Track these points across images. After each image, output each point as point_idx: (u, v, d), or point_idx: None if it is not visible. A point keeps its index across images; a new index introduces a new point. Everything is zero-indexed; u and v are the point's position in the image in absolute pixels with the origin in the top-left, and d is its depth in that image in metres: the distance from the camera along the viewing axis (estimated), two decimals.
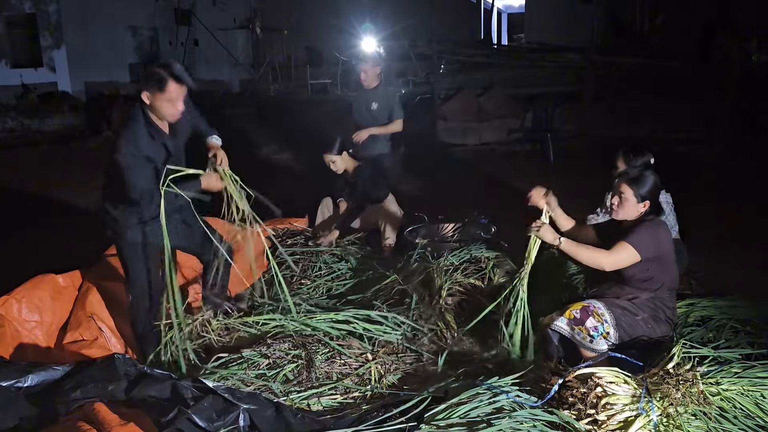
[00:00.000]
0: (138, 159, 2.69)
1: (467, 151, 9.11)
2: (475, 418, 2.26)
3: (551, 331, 2.71)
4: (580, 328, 2.62)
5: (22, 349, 2.90)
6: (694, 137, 8.16)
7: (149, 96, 2.70)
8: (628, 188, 2.71)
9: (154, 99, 2.70)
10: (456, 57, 10.75)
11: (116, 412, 2.05)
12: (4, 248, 4.93)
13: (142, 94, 2.71)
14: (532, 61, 10.32)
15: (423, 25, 15.51)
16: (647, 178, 2.73)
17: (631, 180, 2.73)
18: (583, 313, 2.64)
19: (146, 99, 2.71)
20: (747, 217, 5.18)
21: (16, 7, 16.41)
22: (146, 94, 2.70)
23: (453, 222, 4.73)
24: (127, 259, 2.92)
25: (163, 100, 2.70)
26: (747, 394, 2.34)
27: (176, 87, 2.70)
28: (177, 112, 2.76)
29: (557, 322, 2.68)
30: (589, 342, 2.61)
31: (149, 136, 2.76)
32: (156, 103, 2.71)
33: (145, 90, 2.70)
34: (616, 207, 2.77)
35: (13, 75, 15.97)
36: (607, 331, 2.62)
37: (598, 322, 2.62)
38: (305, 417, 2.31)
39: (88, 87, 16.16)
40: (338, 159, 4.50)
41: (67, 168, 8.35)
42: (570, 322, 2.66)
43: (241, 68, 19.49)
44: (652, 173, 2.77)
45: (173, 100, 2.71)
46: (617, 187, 2.76)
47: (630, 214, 2.74)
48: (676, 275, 2.80)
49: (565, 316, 2.67)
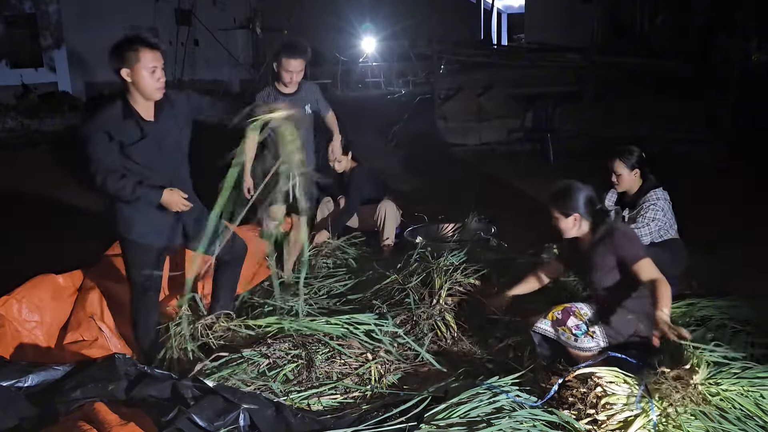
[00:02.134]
0: (97, 132, 2.62)
1: (467, 151, 9.11)
2: (475, 418, 2.26)
3: (533, 333, 2.74)
4: (563, 328, 2.65)
5: (22, 349, 2.90)
6: (694, 137, 8.15)
7: (127, 72, 2.63)
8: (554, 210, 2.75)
9: (133, 72, 2.63)
10: (456, 57, 10.73)
11: (116, 412, 2.05)
12: (4, 248, 4.93)
13: (120, 72, 2.64)
14: (532, 61, 10.29)
15: (423, 25, 15.48)
16: (570, 192, 2.74)
17: (553, 201, 2.76)
18: (564, 314, 2.67)
19: (126, 76, 2.64)
20: (747, 217, 5.18)
21: (16, 7, 16.42)
22: (125, 71, 2.63)
23: (453, 222, 4.73)
24: (128, 256, 2.91)
25: (141, 70, 2.63)
26: (747, 395, 2.34)
27: (151, 54, 2.63)
28: (160, 84, 2.69)
29: (539, 324, 2.72)
30: (574, 341, 2.63)
31: (120, 116, 2.68)
32: (135, 78, 2.64)
33: (122, 66, 2.63)
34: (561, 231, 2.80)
35: (13, 75, 15.98)
36: (593, 330, 2.63)
37: (580, 321, 2.64)
38: (305, 417, 2.31)
39: (88, 87, 16.17)
40: (344, 159, 4.52)
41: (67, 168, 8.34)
42: (553, 324, 2.69)
43: (241, 68, 19.47)
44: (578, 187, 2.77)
45: (151, 68, 2.65)
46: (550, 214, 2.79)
47: (568, 231, 2.77)
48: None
49: (548, 318, 2.71)
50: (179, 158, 2.91)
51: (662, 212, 3.40)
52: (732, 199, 5.83)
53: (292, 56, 3.68)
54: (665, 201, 3.45)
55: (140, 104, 2.73)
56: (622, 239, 2.68)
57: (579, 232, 2.77)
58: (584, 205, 2.72)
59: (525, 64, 10.23)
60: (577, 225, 2.75)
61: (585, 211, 2.73)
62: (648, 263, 2.62)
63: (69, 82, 16.34)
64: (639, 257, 2.62)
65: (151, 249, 2.86)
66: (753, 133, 7.77)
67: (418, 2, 18.14)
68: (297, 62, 3.70)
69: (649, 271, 2.60)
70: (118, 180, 2.65)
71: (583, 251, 2.80)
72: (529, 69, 10.00)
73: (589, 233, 2.77)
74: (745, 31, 9.90)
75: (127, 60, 2.62)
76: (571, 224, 2.74)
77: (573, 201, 2.72)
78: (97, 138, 2.63)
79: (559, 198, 2.74)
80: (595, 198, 2.77)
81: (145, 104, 2.74)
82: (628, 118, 8.43)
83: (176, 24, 17.87)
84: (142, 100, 2.72)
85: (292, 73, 3.72)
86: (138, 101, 2.72)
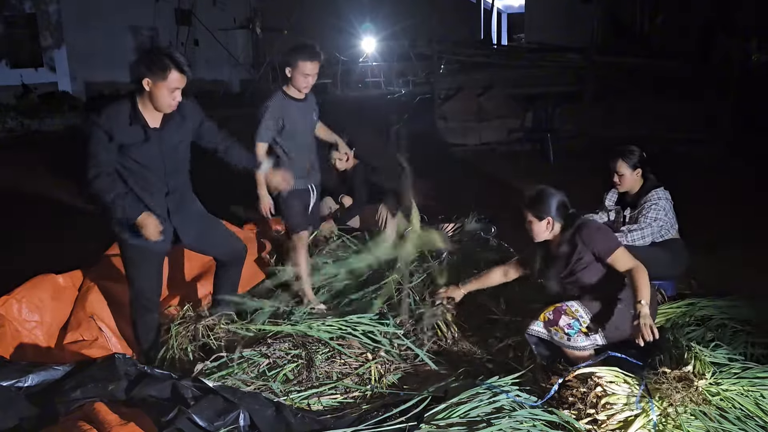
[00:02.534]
0: (98, 130, 2.65)
1: (467, 151, 9.11)
2: (475, 417, 2.26)
3: (528, 335, 2.76)
4: (556, 328, 2.66)
5: (22, 349, 2.90)
6: (694, 137, 8.16)
7: (150, 83, 2.66)
8: (528, 213, 2.80)
9: (155, 86, 2.66)
10: (456, 57, 10.73)
11: (116, 412, 2.05)
12: (4, 248, 4.93)
13: (143, 80, 2.66)
14: (532, 61, 10.29)
15: (423, 25, 15.50)
16: (544, 196, 2.79)
17: (527, 205, 2.81)
18: (556, 313, 2.68)
19: (146, 86, 2.66)
20: (747, 217, 5.18)
21: (16, 7, 16.44)
22: (147, 81, 2.65)
23: (453, 222, 4.73)
24: (127, 257, 2.91)
25: (163, 88, 2.66)
26: (747, 394, 2.34)
27: (178, 76, 2.67)
28: (174, 102, 2.72)
29: (532, 326, 2.74)
30: (567, 341, 2.64)
31: (126, 121, 2.70)
32: (155, 91, 2.66)
33: (147, 76, 2.65)
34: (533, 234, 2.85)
35: (13, 75, 15.99)
36: (587, 327, 2.63)
37: (572, 319, 2.65)
38: (305, 417, 2.31)
39: (88, 87, 16.18)
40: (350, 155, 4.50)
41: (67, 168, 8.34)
42: (546, 325, 2.70)
43: (241, 68, 19.49)
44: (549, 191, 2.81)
45: (173, 89, 2.68)
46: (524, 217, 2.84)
47: (540, 234, 2.83)
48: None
49: (540, 319, 2.72)
50: (179, 162, 2.91)
51: (664, 212, 3.40)
52: (732, 199, 5.83)
53: (310, 59, 3.44)
54: (667, 201, 3.45)
55: (149, 112, 2.75)
56: (593, 233, 2.72)
57: (551, 235, 2.84)
58: (557, 208, 2.78)
59: (525, 64, 10.23)
60: (549, 228, 2.81)
61: (557, 214, 2.78)
62: (622, 252, 2.66)
63: (69, 82, 16.35)
64: (612, 249, 2.67)
65: (149, 250, 2.86)
66: (753, 133, 7.77)
67: (418, 2, 18.16)
68: (314, 65, 3.47)
69: (624, 261, 2.65)
70: (106, 182, 2.66)
71: (555, 254, 2.84)
72: (529, 69, 10.00)
73: (559, 235, 2.82)
74: (745, 31, 9.90)
75: (153, 73, 2.64)
76: (544, 227, 2.80)
77: (546, 205, 2.77)
78: (98, 136, 2.66)
79: (533, 202, 2.80)
80: (567, 202, 2.83)
81: (154, 113, 2.76)
82: (628, 118, 8.44)
83: (176, 24, 17.89)
84: (152, 109, 2.75)
85: (308, 77, 3.48)
86: (147, 108, 2.74)
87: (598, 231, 2.75)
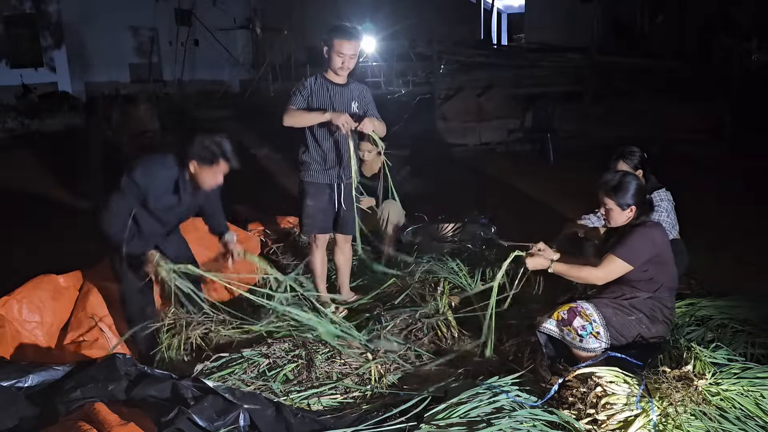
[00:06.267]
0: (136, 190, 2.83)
1: (467, 151, 9.11)
2: (475, 417, 2.26)
3: (539, 332, 2.74)
4: (569, 328, 2.65)
5: (22, 350, 2.91)
6: (694, 137, 8.16)
7: (196, 167, 2.85)
8: (609, 199, 2.74)
9: (200, 170, 2.86)
10: (456, 57, 10.72)
11: (116, 412, 2.05)
12: (4, 248, 4.93)
13: (189, 163, 2.85)
14: (532, 61, 10.30)
15: (423, 25, 15.50)
16: (627, 184, 2.73)
17: (610, 190, 2.74)
18: (570, 314, 2.66)
19: (192, 168, 2.86)
20: (747, 217, 5.18)
21: (16, 7, 16.43)
22: (194, 164, 2.85)
23: (453, 222, 4.73)
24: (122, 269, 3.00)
25: (208, 173, 2.86)
26: (747, 394, 2.33)
27: (224, 165, 2.87)
28: (215, 184, 2.95)
29: (545, 324, 2.72)
30: (579, 342, 2.63)
31: (170, 190, 2.91)
32: (200, 174, 2.87)
33: (194, 160, 2.84)
34: (605, 218, 2.81)
35: (13, 75, 15.98)
36: (597, 331, 2.63)
37: (586, 322, 2.64)
38: (305, 417, 2.31)
39: (88, 87, 16.17)
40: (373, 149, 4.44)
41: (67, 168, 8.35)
42: (558, 324, 2.69)
43: (241, 68, 19.48)
44: (633, 177, 2.78)
45: (217, 175, 2.89)
46: (600, 199, 2.78)
47: (619, 221, 2.77)
48: (674, 275, 2.80)
49: (554, 317, 2.70)
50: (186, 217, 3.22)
51: (666, 213, 3.40)
52: (732, 199, 5.83)
53: (346, 38, 3.25)
54: (668, 202, 3.45)
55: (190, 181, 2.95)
56: (635, 232, 2.69)
57: (622, 224, 2.78)
58: (642, 201, 2.75)
59: (525, 64, 10.23)
60: (628, 217, 2.75)
61: (641, 207, 2.74)
62: (612, 259, 2.65)
63: (69, 82, 16.36)
64: (614, 250, 2.66)
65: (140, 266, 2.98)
66: (753, 133, 7.77)
67: (418, 2, 18.15)
68: (351, 45, 3.27)
69: (607, 264, 2.66)
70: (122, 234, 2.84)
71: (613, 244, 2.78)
72: (529, 69, 10.00)
73: (625, 228, 2.77)
74: (745, 31, 9.91)
75: (203, 160, 2.84)
76: (625, 216, 2.75)
77: (638, 194, 2.73)
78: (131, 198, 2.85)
79: (624, 190, 2.72)
80: (645, 188, 2.81)
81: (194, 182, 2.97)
82: (628, 118, 8.44)
83: (176, 24, 17.88)
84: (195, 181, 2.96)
85: (344, 57, 3.27)
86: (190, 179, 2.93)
87: (638, 233, 2.69)
